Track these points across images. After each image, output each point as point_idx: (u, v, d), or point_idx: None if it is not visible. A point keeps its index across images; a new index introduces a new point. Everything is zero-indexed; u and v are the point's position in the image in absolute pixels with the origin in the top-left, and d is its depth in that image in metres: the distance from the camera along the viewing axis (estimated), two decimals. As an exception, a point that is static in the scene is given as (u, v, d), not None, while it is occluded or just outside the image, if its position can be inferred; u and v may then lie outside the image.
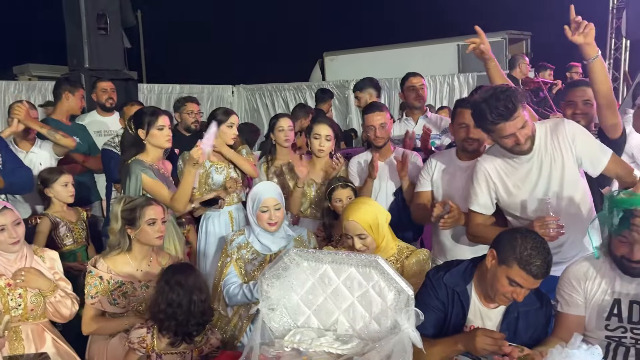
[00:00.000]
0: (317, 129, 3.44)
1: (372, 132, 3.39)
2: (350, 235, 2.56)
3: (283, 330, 2.16)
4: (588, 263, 2.26)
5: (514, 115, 2.34)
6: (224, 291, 2.80)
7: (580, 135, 2.54)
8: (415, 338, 1.95)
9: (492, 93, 2.37)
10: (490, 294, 2.19)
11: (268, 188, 2.87)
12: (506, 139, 2.41)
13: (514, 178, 2.58)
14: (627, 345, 2.11)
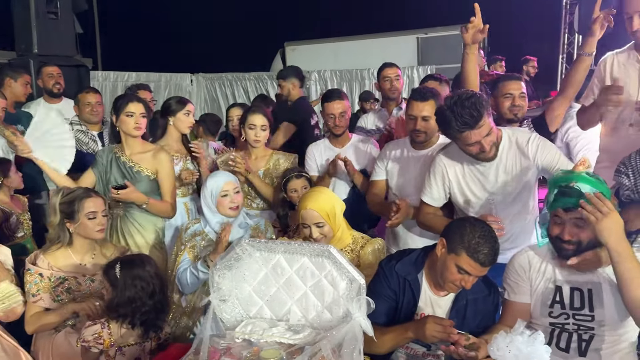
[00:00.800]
0: (252, 119, 3.36)
1: (332, 121, 3.40)
2: (307, 225, 2.55)
3: (235, 321, 2.14)
4: (532, 252, 2.32)
5: (480, 123, 2.34)
6: (176, 279, 2.76)
7: (545, 151, 2.54)
8: (366, 326, 1.97)
9: (457, 100, 2.35)
10: (440, 282, 2.23)
11: (225, 174, 2.86)
12: (471, 146, 2.43)
13: (471, 182, 2.63)
14: (569, 331, 2.18)
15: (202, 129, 4.78)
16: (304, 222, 2.56)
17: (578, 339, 2.16)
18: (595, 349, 2.13)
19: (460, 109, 2.33)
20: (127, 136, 3.17)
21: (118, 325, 2.31)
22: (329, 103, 3.40)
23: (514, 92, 3.16)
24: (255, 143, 3.38)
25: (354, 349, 1.90)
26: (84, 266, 2.63)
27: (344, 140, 3.50)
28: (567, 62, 9.10)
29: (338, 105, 3.38)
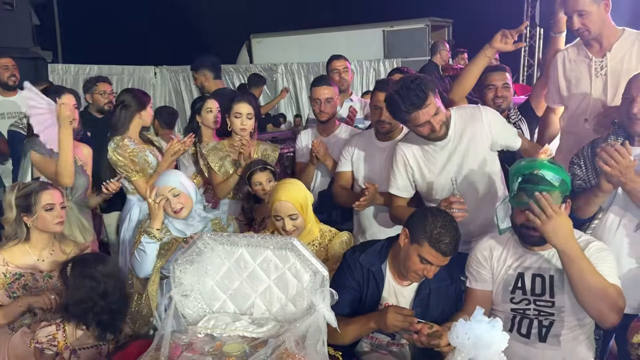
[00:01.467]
0: (238, 108, 3.34)
1: (317, 106, 3.40)
2: (280, 217, 2.50)
3: (197, 316, 2.11)
4: (494, 240, 2.36)
5: (426, 103, 2.39)
6: (130, 265, 2.71)
7: (496, 122, 2.64)
8: (330, 317, 1.97)
9: (402, 84, 2.41)
10: (403, 272, 2.25)
11: (164, 176, 2.76)
12: (421, 127, 2.47)
13: (429, 163, 2.65)
14: (530, 317, 2.22)
15: (158, 122, 4.68)
16: (276, 215, 2.51)
17: (538, 325, 2.20)
18: (555, 334, 2.18)
19: (406, 91, 2.38)
20: None
21: (73, 327, 2.25)
22: (316, 88, 3.40)
23: (497, 83, 3.21)
24: (242, 132, 3.34)
25: (317, 341, 1.89)
26: (42, 262, 2.56)
27: (331, 129, 3.49)
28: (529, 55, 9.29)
29: (325, 91, 3.37)
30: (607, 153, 2.12)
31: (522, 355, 2.19)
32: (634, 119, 2.22)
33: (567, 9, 2.67)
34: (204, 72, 4.33)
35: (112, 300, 2.27)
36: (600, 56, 2.72)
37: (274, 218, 2.53)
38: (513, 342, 2.19)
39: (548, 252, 2.22)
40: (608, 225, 2.34)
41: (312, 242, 2.60)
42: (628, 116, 2.25)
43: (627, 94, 2.26)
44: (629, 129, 2.28)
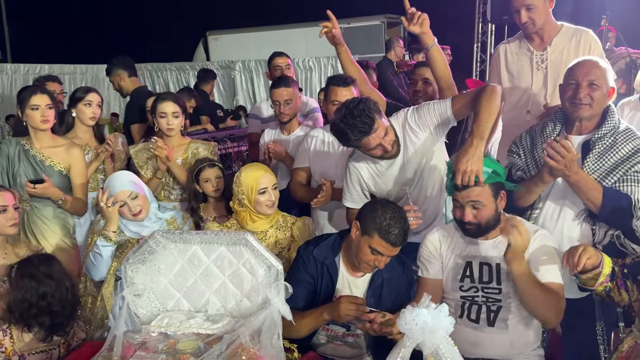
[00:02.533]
0: (162, 107, 3.23)
1: (277, 107, 3.39)
2: (265, 189, 2.62)
3: (151, 315, 2.10)
4: (443, 231, 2.43)
5: (374, 127, 2.37)
6: (85, 268, 2.67)
7: (424, 112, 2.59)
8: (284, 311, 2.00)
9: (346, 111, 2.36)
10: (355, 263, 2.30)
11: (117, 181, 2.69)
12: (374, 150, 2.46)
13: (384, 177, 2.67)
14: (479, 303, 2.30)
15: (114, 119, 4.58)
16: (261, 188, 2.60)
17: (487, 311, 2.29)
18: (502, 318, 2.26)
19: (352, 119, 2.34)
20: (36, 130, 3.02)
21: (19, 331, 2.20)
22: (275, 89, 3.38)
23: (417, 78, 3.29)
24: (169, 132, 3.27)
25: (273, 334, 1.92)
26: None
27: (292, 128, 3.50)
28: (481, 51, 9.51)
29: (284, 92, 3.35)
30: (553, 148, 2.16)
31: (471, 340, 2.27)
32: (579, 104, 2.28)
33: (515, 3, 2.76)
34: (117, 72, 4.21)
35: (53, 302, 2.21)
36: (541, 50, 2.83)
37: (258, 192, 2.60)
38: (463, 327, 2.29)
39: (493, 241, 2.31)
40: (549, 216, 2.43)
41: (276, 224, 2.69)
42: (572, 102, 2.30)
43: (572, 79, 2.31)
44: (573, 114, 2.33)
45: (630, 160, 2.27)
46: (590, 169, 2.28)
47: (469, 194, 2.20)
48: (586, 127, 2.34)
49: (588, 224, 2.36)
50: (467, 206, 2.22)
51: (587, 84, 2.26)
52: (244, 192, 2.62)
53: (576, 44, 2.77)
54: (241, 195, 2.64)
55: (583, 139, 2.35)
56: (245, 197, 2.62)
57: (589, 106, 2.27)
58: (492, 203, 2.22)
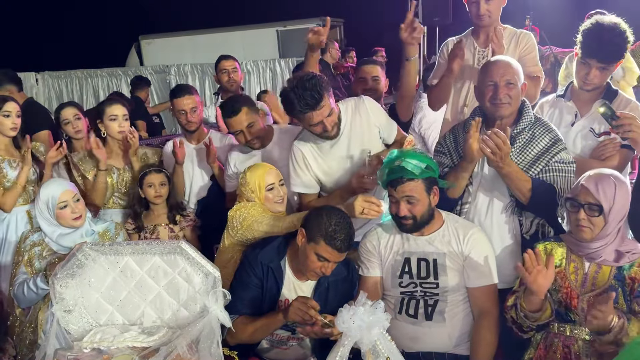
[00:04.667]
0: (112, 110, 3.17)
1: (184, 117, 3.28)
2: (273, 185, 2.63)
3: (83, 331, 2.03)
4: (381, 228, 2.47)
5: (321, 104, 2.43)
6: (12, 293, 2.53)
7: (377, 110, 2.75)
8: (224, 318, 1.97)
9: (299, 82, 2.42)
10: (302, 270, 2.29)
11: (59, 183, 2.65)
12: (314, 126, 2.51)
13: (327, 159, 2.70)
14: (417, 298, 2.35)
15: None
16: (269, 184, 2.61)
17: (424, 305, 2.34)
18: (440, 311, 2.32)
19: (301, 90, 2.41)
20: None
21: None
22: (177, 99, 3.27)
23: (367, 75, 3.33)
24: (121, 135, 3.19)
25: (212, 343, 1.89)
26: None
27: (200, 136, 3.41)
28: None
29: (188, 101, 3.26)
30: (492, 141, 2.24)
31: (410, 335, 2.32)
32: (499, 104, 2.38)
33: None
34: (7, 87, 4.03)
35: None
36: (484, 47, 2.93)
37: (267, 188, 2.60)
38: (402, 323, 2.33)
39: (429, 237, 2.36)
40: (479, 209, 2.51)
41: None
42: (492, 102, 2.39)
43: (489, 80, 2.39)
44: (495, 114, 2.41)
45: (550, 151, 2.39)
46: (515, 162, 2.37)
47: (403, 189, 2.26)
48: (505, 124, 2.43)
49: (515, 215, 2.46)
50: (402, 201, 2.28)
51: (505, 84, 2.36)
52: (251, 190, 2.61)
53: (515, 44, 2.90)
54: (250, 194, 2.62)
55: None
56: (255, 195, 2.61)
57: (508, 105, 2.38)
58: (426, 198, 2.29)
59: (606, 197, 2.01)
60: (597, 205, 2.02)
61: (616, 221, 2.03)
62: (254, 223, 2.54)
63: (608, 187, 2.02)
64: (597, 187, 2.02)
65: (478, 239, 2.36)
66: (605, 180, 2.04)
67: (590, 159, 2.54)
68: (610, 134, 2.51)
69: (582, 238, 2.08)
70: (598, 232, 2.04)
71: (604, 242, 2.05)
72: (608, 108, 2.19)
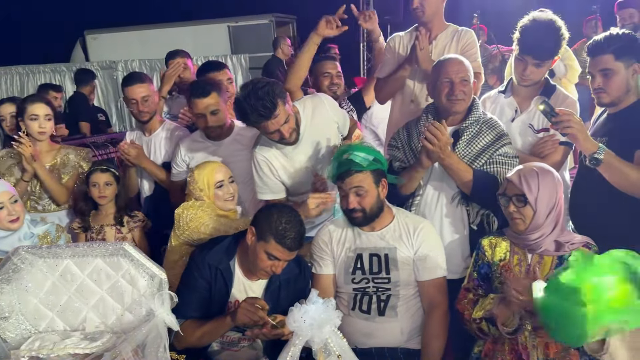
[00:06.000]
0: (34, 109, 3.02)
1: (135, 106, 3.12)
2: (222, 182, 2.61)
3: (21, 339, 1.93)
4: (333, 226, 2.46)
5: (275, 113, 2.36)
6: None
7: (335, 106, 2.76)
8: (171, 322, 1.91)
9: (251, 90, 2.35)
10: (252, 270, 2.25)
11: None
12: (271, 134, 2.45)
13: (291, 162, 2.65)
14: (370, 294, 2.35)
15: None
16: (218, 182, 2.58)
17: (377, 300, 2.34)
18: (392, 306, 2.33)
19: (254, 100, 2.33)
20: None
21: None
22: (129, 87, 3.10)
23: (332, 71, 3.40)
24: (41, 135, 3.05)
25: (158, 347, 1.83)
26: None
27: (153, 128, 3.26)
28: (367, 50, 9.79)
29: (140, 89, 3.10)
30: (430, 132, 2.30)
31: (364, 331, 2.32)
32: (455, 100, 2.42)
33: None
34: None
35: None
36: (428, 44, 2.96)
37: (216, 185, 2.57)
38: (355, 319, 2.33)
39: (381, 232, 2.37)
40: (429, 201, 2.55)
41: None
42: (449, 98, 2.43)
43: (445, 77, 2.43)
44: (451, 109, 2.45)
45: (495, 144, 2.46)
46: (461, 154, 2.44)
47: (351, 180, 2.27)
48: (455, 119, 2.50)
49: (463, 205, 2.51)
50: (351, 193, 2.29)
51: (460, 81, 2.42)
52: (200, 188, 2.54)
53: (457, 42, 2.94)
54: (198, 193, 2.55)
55: (453, 129, 2.50)
56: (203, 193, 2.54)
57: (463, 100, 2.44)
58: (374, 189, 2.31)
59: (529, 187, 2.08)
60: (522, 195, 2.08)
61: (545, 210, 2.09)
62: (201, 226, 2.48)
63: (530, 177, 2.09)
64: (519, 178, 2.10)
65: (428, 233, 2.38)
66: (527, 171, 2.12)
67: (530, 156, 2.61)
68: (549, 131, 2.58)
69: (517, 230, 2.14)
70: (529, 222, 2.10)
71: (541, 232, 2.11)
72: (547, 105, 2.25)
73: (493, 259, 2.20)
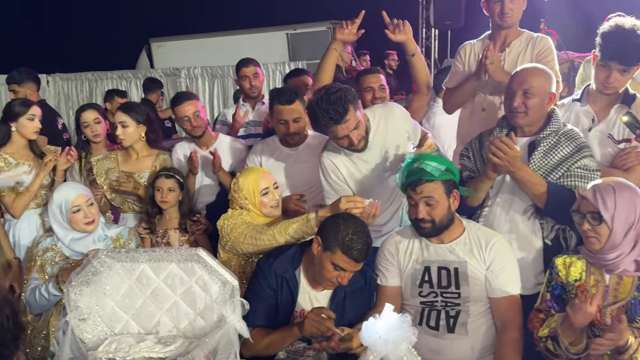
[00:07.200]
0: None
1: (188, 123, 3.24)
2: (267, 189, 2.56)
3: (98, 340, 1.98)
4: (399, 236, 2.42)
5: (345, 118, 2.38)
6: (24, 299, 2.50)
7: (406, 116, 2.74)
8: (241, 329, 1.92)
9: (323, 95, 2.38)
10: (317, 279, 2.23)
11: (73, 187, 2.64)
12: (341, 139, 2.47)
13: (358, 169, 2.65)
14: (438, 309, 2.29)
15: None
16: (263, 189, 2.54)
17: (446, 316, 2.27)
18: (462, 323, 2.26)
19: (326, 104, 2.36)
20: None
21: None
22: (180, 106, 3.23)
23: (374, 85, 3.32)
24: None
25: (229, 354, 1.84)
26: None
27: (209, 141, 3.36)
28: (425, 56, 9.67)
29: (190, 107, 3.22)
30: (495, 145, 2.24)
31: (432, 347, 2.25)
32: (514, 112, 2.36)
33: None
34: (29, 85, 4.10)
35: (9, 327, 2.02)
36: (500, 51, 2.88)
37: (261, 193, 2.53)
38: (423, 335, 2.25)
39: (450, 245, 2.30)
40: (498, 212, 2.47)
41: None
42: (509, 110, 2.39)
43: (509, 87, 2.40)
44: (510, 122, 2.42)
45: (574, 157, 2.35)
46: (536, 166, 2.35)
47: (422, 190, 2.22)
48: (530, 131, 2.41)
49: (536, 218, 2.41)
50: (420, 203, 2.24)
51: (522, 93, 2.34)
52: (245, 197, 2.55)
53: (531, 49, 2.85)
54: (243, 201, 2.56)
55: (529, 139, 2.41)
56: (248, 201, 2.55)
57: (524, 114, 2.35)
58: (445, 200, 2.25)
59: (605, 204, 1.96)
60: (597, 212, 1.97)
61: (623, 229, 1.97)
62: (240, 236, 2.46)
63: (606, 193, 1.97)
64: (594, 195, 1.99)
65: (501, 248, 2.29)
66: (603, 187, 2.00)
67: (611, 169, 2.48)
68: (631, 142, 2.45)
69: (592, 249, 2.03)
70: (605, 241, 1.99)
71: (619, 252, 1.99)
72: (631, 117, 2.13)
73: (567, 279, 2.10)
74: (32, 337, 2.53)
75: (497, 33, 2.93)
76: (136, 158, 3.21)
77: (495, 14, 2.84)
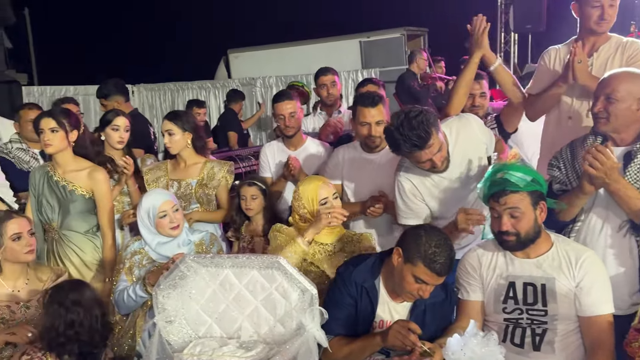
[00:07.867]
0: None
1: (282, 121, 3.32)
2: (326, 199, 2.52)
3: (183, 342, 2.05)
4: (482, 249, 2.33)
5: (429, 143, 2.31)
6: (112, 299, 2.63)
7: (483, 127, 2.66)
8: (320, 337, 1.92)
9: (404, 119, 2.30)
10: (397, 291, 2.19)
11: (160, 193, 2.74)
12: (423, 163, 2.41)
13: (439, 186, 2.60)
14: (523, 326, 2.18)
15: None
16: (322, 199, 2.51)
17: (532, 334, 2.17)
18: (549, 341, 2.14)
19: (407, 130, 2.28)
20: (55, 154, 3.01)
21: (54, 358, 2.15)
22: (279, 103, 3.32)
23: (475, 92, 3.24)
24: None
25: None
26: (17, 293, 2.46)
27: (298, 143, 3.42)
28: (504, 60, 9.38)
29: (288, 106, 3.29)
30: (592, 155, 2.11)
31: (517, 365, 2.16)
32: (596, 117, 2.24)
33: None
34: (116, 98, 4.23)
35: (81, 331, 2.13)
36: (588, 56, 2.74)
37: (320, 203, 2.51)
38: (507, 353, 2.15)
39: (537, 260, 2.20)
40: (592, 227, 2.34)
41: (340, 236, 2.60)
42: (593, 115, 2.27)
43: (595, 92, 2.29)
44: (594, 128, 2.29)
45: None
46: (632, 179, 2.20)
47: (506, 201, 2.12)
48: (624, 139, 2.27)
49: (632, 235, 2.26)
50: (504, 214, 2.13)
51: (604, 98, 2.21)
52: (304, 205, 2.55)
53: (621, 54, 2.69)
54: (302, 210, 2.56)
55: (624, 149, 2.27)
56: (307, 210, 2.55)
57: (605, 120, 2.22)
58: (532, 212, 2.14)
59: None
60: None
61: None
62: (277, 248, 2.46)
63: None
64: None
65: (592, 264, 2.16)
66: None
67: None
68: None
69: None
70: None
71: None
72: None
73: None
74: (119, 337, 2.65)
75: (585, 37, 2.78)
76: (184, 166, 3.23)
77: (592, 18, 2.70)
